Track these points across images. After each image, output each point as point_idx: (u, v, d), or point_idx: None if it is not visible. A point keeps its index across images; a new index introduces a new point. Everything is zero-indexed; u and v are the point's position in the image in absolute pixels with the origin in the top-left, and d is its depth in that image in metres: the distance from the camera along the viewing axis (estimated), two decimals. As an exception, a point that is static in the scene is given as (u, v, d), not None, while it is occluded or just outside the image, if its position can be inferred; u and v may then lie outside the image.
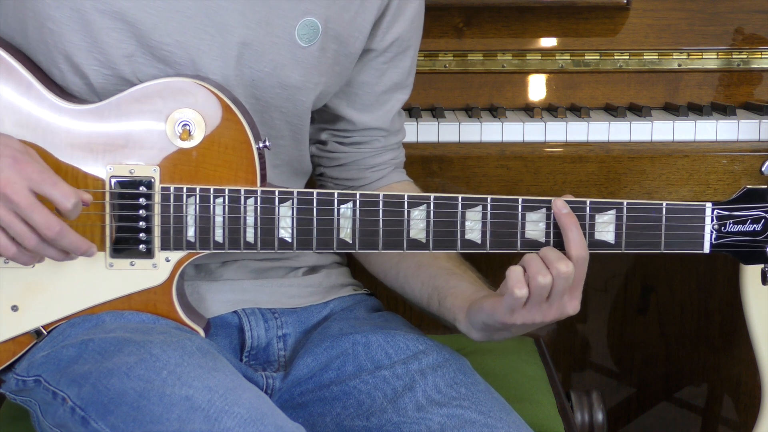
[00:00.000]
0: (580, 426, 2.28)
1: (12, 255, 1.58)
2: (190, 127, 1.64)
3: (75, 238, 1.58)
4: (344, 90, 1.88)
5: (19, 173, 1.54)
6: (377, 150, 1.94)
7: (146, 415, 1.50)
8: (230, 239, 1.65)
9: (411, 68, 1.93)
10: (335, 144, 1.93)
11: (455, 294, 1.76)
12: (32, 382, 1.65)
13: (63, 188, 1.55)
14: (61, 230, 1.56)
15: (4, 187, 1.53)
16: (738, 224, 1.64)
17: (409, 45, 1.89)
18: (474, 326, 1.71)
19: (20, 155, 1.56)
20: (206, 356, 1.59)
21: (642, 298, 2.89)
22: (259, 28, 1.71)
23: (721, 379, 2.89)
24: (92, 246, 1.61)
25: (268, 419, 1.51)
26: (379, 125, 1.92)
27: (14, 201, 1.53)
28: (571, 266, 1.60)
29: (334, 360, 1.75)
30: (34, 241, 1.56)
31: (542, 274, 1.59)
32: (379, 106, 1.91)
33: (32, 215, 1.54)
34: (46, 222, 1.55)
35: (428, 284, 1.81)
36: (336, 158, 1.94)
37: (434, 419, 1.63)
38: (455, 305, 1.75)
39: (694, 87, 2.45)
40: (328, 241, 1.65)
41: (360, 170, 1.94)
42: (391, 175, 1.95)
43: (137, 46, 1.67)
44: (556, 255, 1.60)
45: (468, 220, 1.64)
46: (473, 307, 1.70)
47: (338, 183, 1.96)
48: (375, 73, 1.88)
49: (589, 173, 2.25)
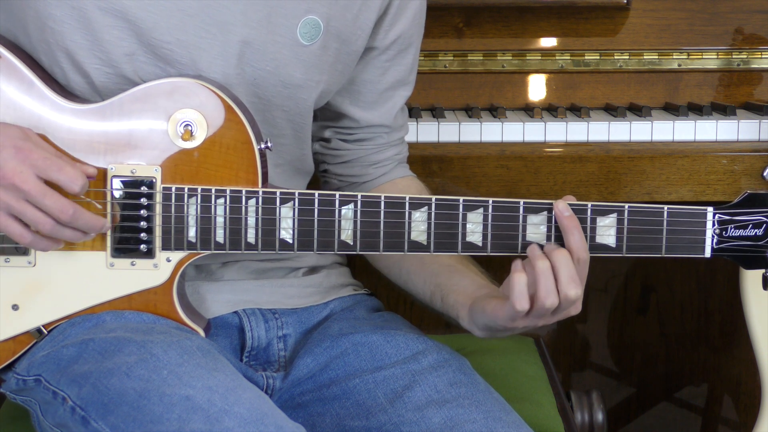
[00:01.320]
0: (580, 426, 2.28)
1: (29, 242, 1.59)
2: (192, 127, 1.64)
3: (89, 217, 1.59)
4: (347, 88, 1.88)
5: (23, 162, 1.55)
6: (380, 146, 1.94)
7: (146, 414, 1.50)
8: (231, 240, 1.65)
9: (413, 65, 1.93)
10: (339, 141, 1.93)
11: (457, 291, 1.76)
12: (32, 381, 1.65)
13: (69, 172, 1.56)
14: (75, 212, 1.57)
15: (11, 178, 1.54)
16: (739, 229, 1.64)
17: (411, 42, 1.89)
18: (477, 325, 1.71)
19: (22, 142, 1.57)
20: (206, 356, 1.59)
21: (642, 298, 2.89)
22: (260, 26, 1.71)
23: (721, 379, 2.89)
24: (106, 221, 1.62)
25: (269, 419, 1.51)
26: (382, 122, 1.92)
27: (24, 190, 1.54)
28: (580, 291, 1.60)
29: (334, 360, 1.75)
30: (50, 225, 1.57)
31: (550, 298, 1.59)
32: (381, 104, 1.91)
33: (44, 201, 1.55)
34: (60, 206, 1.56)
35: (431, 281, 1.81)
36: (340, 155, 1.94)
37: (434, 419, 1.63)
38: (458, 302, 1.75)
39: (694, 87, 2.45)
40: (329, 242, 1.65)
41: (364, 167, 1.94)
42: (395, 170, 1.96)
43: (138, 44, 1.67)
44: (567, 275, 1.59)
45: (469, 223, 1.64)
46: (475, 307, 1.70)
47: (342, 180, 1.96)
48: (377, 71, 1.88)
49: (589, 173, 2.25)
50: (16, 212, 1.56)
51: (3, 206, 1.56)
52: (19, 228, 1.58)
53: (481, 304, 1.68)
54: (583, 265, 1.62)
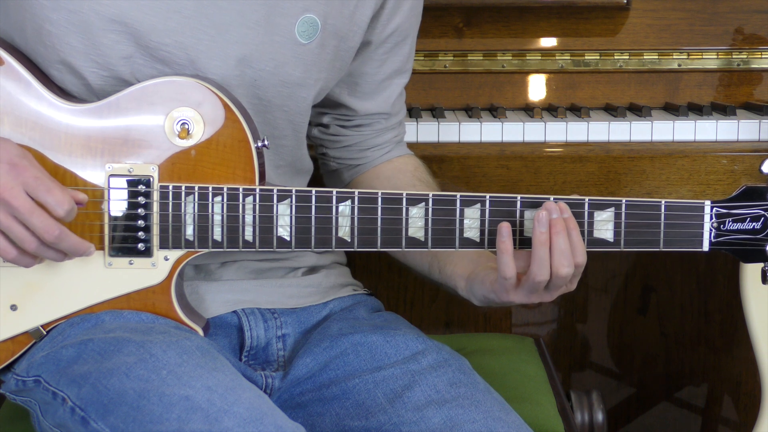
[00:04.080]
0: (580, 426, 2.28)
1: (13, 258, 1.59)
2: (189, 125, 1.64)
3: (74, 241, 1.59)
4: (344, 80, 1.89)
5: (16, 178, 1.55)
6: (379, 131, 1.96)
7: (146, 415, 1.50)
8: (229, 238, 1.65)
9: (410, 54, 1.94)
10: (337, 127, 1.95)
11: (455, 262, 1.79)
12: (32, 382, 1.65)
13: (57, 195, 1.56)
14: (60, 234, 1.57)
15: (2, 192, 1.54)
16: (737, 222, 1.64)
17: (408, 33, 1.90)
18: (475, 296, 1.74)
19: (18, 159, 1.57)
20: (206, 356, 1.59)
21: (642, 298, 2.88)
22: (258, 27, 1.71)
23: (721, 379, 2.89)
24: (91, 246, 1.62)
25: (268, 419, 1.51)
26: (380, 110, 1.94)
27: (13, 206, 1.54)
28: (572, 269, 1.62)
29: (334, 360, 1.75)
30: (34, 244, 1.57)
31: (542, 273, 1.61)
32: (379, 93, 1.93)
33: (31, 219, 1.55)
34: (45, 226, 1.56)
35: (428, 253, 1.83)
36: (339, 141, 1.95)
37: (433, 419, 1.63)
38: (455, 273, 1.78)
39: (694, 87, 2.45)
40: (326, 239, 1.65)
41: (362, 150, 1.96)
42: (393, 151, 1.98)
43: (136, 47, 1.67)
44: (560, 252, 1.61)
45: (467, 218, 1.65)
46: (474, 279, 1.73)
47: (341, 162, 1.97)
48: (375, 64, 1.89)
49: (589, 173, 2.25)
50: (3, 227, 1.56)
51: None
52: (3, 242, 1.58)
53: (480, 276, 1.71)
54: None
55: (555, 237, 1.61)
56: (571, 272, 1.62)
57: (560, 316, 2.88)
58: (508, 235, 1.61)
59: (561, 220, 1.61)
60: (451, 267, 1.79)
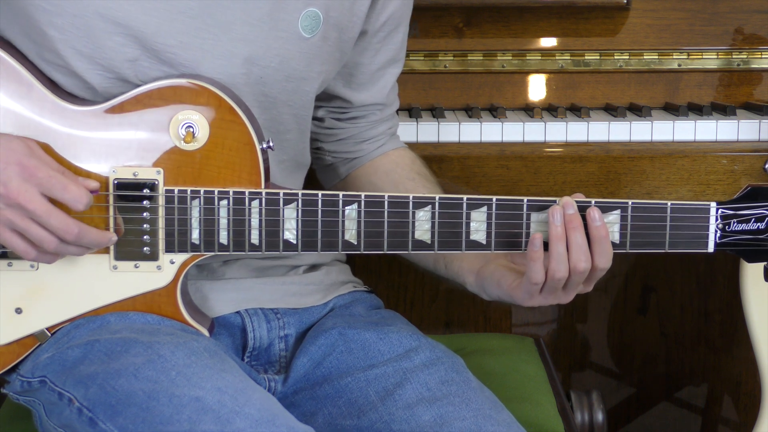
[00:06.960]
0: (580, 426, 2.29)
1: (33, 258, 1.59)
2: (194, 128, 1.63)
3: (94, 235, 1.60)
4: (340, 71, 1.89)
5: (28, 180, 1.54)
6: (373, 123, 1.96)
7: (156, 416, 1.50)
8: (235, 241, 1.64)
9: (403, 43, 1.94)
10: (332, 120, 1.95)
11: (461, 257, 1.79)
12: (37, 382, 1.65)
13: (73, 192, 1.56)
14: (79, 231, 1.57)
15: (16, 197, 1.53)
16: (742, 223, 1.64)
17: (401, 21, 1.91)
18: (486, 293, 1.75)
19: (27, 159, 1.56)
20: (214, 357, 1.59)
21: (642, 298, 2.89)
22: (262, 23, 1.71)
23: (721, 379, 2.89)
24: (112, 236, 1.62)
25: (280, 420, 1.51)
26: (375, 101, 1.94)
27: (29, 209, 1.54)
28: (590, 264, 1.63)
29: (327, 357, 1.76)
30: (54, 243, 1.57)
31: (560, 270, 1.62)
32: (374, 83, 1.93)
33: (49, 221, 1.55)
34: (65, 226, 1.56)
35: None
36: (334, 134, 1.96)
37: (424, 417, 1.64)
38: (462, 268, 1.79)
39: (694, 87, 2.45)
40: (332, 242, 1.65)
41: (357, 143, 1.96)
42: (388, 143, 1.98)
43: (141, 50, 1.67)
44: (578, 247, 1.62)
45: (473, 221, 1.65)
46: (486, 277, 1.73)
47: (336, 156, 1.98)
48: (369, 53, 1.90)
49: (589, 173, 2.25)
50: (21, 230, 1.56)
51: (7, 223, 1.55)
52: (23, 244, 1.58)
53: (495, 277, 1.72)
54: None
55: (572, 233, 1.62)
56: (588, 267, 1.63)
57: (560, 316, 2.88)
58: (540, 245, 1.61)
59: (577, 215, 1.62)
60: (457, 263, 1.79)
